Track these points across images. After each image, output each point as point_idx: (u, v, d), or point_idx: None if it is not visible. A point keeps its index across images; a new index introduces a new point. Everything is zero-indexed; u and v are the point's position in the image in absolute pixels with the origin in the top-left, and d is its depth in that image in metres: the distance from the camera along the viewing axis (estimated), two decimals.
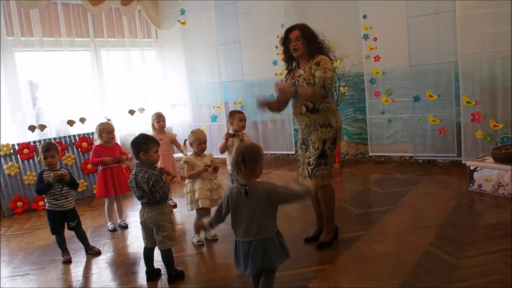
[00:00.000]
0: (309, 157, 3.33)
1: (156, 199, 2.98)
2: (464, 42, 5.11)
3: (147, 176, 2.93)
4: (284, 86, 3.26)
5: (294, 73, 3.41)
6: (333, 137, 3.29)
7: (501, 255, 2.97)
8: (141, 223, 3.11)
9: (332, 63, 3.31)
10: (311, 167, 3.30)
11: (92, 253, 3.71)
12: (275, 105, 3.41)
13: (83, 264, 3.56)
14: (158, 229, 3.02)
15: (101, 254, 3.70)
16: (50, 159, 3.52)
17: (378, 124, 6.14)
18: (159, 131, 4.92)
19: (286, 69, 3.54)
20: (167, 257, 3.08)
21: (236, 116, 4.07)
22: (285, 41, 3.36)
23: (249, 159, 2.37)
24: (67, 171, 3.60)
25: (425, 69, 5.61)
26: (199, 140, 3.73)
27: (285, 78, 3.53)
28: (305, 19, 6.35)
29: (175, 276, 3.09)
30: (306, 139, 3.39)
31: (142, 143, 3.02)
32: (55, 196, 3.53)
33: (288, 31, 3.34)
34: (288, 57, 3.42)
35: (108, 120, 4.40)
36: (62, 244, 3.64)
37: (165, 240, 3.03)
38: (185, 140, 3.83)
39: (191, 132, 3.83)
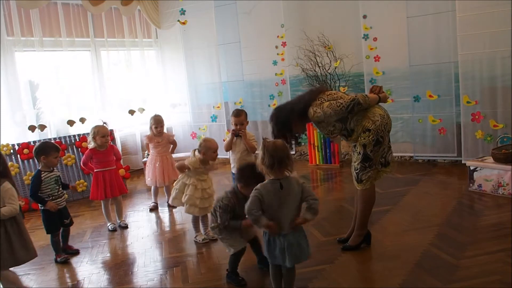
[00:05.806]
0: (355, 161, 3.26)
1: None
2: (464, 42, 5.11)
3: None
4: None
5: None
6: (374, 139, 3.13)
7: (501, 255, 2.97)
8: None
9: (317, 109, 3.17)
10: (356, 171, 3.22)
11: (72, 252, 3.74)
12: None
13: (83, 264, 3.56)
14: None
15: (79, 254, 3.74)
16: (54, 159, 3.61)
17: None
18: (157, 134, 4.91)
19: None
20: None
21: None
22: None
23: (287, 154, 2.47)
24: (58, 174, 3.71)
25: (425, 69, 5.60)
26: (213, 148, 3.69)
27: None
28: (305, 19, 6.46)
29: (231, 277, 3.00)
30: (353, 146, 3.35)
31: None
32: (53, 197, 3.59)
33: None
34: None
35: (104, 123, 4.32)
36: (57, 245, 3.66)
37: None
38: (194, 150, 3.75)
39: (203, 140, 3.74)
